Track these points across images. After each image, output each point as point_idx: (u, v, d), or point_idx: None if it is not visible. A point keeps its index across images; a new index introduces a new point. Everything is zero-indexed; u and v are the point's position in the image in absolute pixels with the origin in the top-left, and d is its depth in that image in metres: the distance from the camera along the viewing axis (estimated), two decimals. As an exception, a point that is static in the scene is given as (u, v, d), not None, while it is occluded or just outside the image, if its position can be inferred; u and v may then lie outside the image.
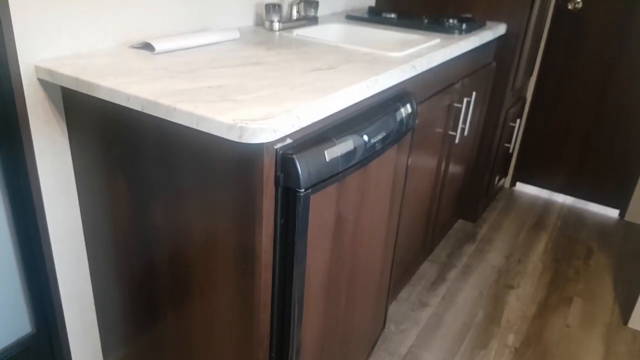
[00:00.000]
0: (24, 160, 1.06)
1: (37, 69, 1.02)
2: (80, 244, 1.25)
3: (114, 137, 1.03)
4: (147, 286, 1.16)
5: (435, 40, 1.57)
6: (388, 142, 1.15)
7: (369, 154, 1.07)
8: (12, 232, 1.12)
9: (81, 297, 1.31)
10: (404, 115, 1.22)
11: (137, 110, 0.90)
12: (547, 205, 2.68)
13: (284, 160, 0.85)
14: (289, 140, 0.88)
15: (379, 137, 1.10)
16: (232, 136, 0.79)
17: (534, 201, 2.71)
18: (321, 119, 0.96)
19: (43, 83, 1.05)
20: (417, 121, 1.35)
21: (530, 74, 2.48)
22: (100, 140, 1.06)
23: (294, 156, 0.85)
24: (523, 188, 2.83)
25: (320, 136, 0.94)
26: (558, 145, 2.64)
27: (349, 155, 0.98)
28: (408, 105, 1.25)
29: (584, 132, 2.56)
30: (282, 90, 0.96)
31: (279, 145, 0.86)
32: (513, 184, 2.84)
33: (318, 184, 0.90)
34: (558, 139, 2.63)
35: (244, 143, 0.82)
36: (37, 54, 1.03)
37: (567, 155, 2.64)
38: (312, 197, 0.89)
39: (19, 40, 0.99)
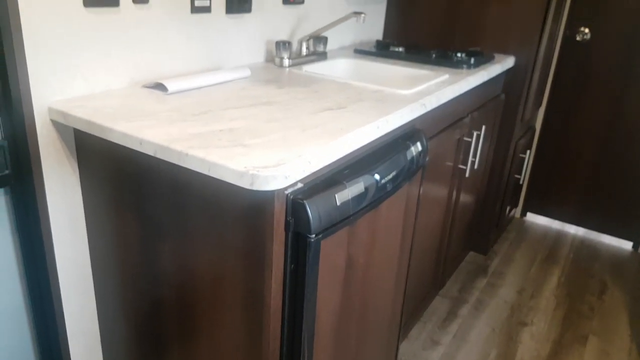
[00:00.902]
0: (35, 199, 1.07)
1: (51, 110, 1.04)
2: (88, 281, 1.24)
3: (125, 178, 1.03)
4: (154, 325, 1.15)
5: (443, 75, 1.57)
6: (399, 182, 1.15)
7: (380, 195, 1.06)
8: (21, 269, 1.12)
9: (87, 333, 1.29)
10: (414, 153, 1.22)
11: (149, 155, 0.90)
12: (559, 237, 2.64)
13: (295, 205, 0.85)
14: (299, 185, 0.88)
15: (390, 177, 1.09)
16: (244, 183, 0.79)
17: (545, 232, 2.68)
18: (332, 162, 0.96)
19: (56, 124, 1.06)
20: (427, 158, 1.34)
21: (540, 105, 2.48)
22: (111, 180, 1.07)
23: (305, 201, 0.84)
24: (534, 218, 2.80)
25: (330, 179, 0.94)
26: (569, 175, 2.62)
27: (359, 197, 0.97)
28: (418, 144, 1.25)
29: (594, 162, 2.54)
30: (293, 133, 0.96)
31: (289, 190, 0.85)
32: (524, 214, 2.81)
33: (329, 229, 0.90)
34: (568, 169, 2.61)
35: (255, 190, 0.81)
36: (51, 95, 1.05)
37: (578, 185, 2.62)
38: (322, 242, 0.88)
39: (34, 82, 1.01)
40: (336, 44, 2.04)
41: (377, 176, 1.03)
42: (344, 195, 0.93)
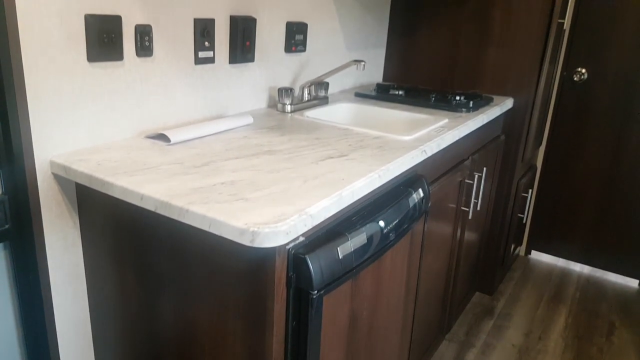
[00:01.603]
0: (34, 254, 1.06)
1: (52, 164, 1.04)
2: (87, 336, 1.22)
3: (126, 232, 1.03)
4: (154, 381, 1.12)
5: (443, 120, 1.59)
6: (402, 230, 1.14)
7: (383, 245, 1.05)
8: (18, 324, 1.10)
9: (86, 390, 1.26)
10: (416, 200, 1.22)
11: (150, 210, 0.90)
12: (564, 275, 2.60)
13: (296, 260, 0.84)
14: (301, 239, 0.87)
15: (392, 225, 1.08)
16: (244, 240, 0.78)
17: (550, 270, 2.64)
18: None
19: (57, 178, 1.07)
20: (429, 204, 1.34)
21: (540, 144, 2.49)
22: (112, 235, 1.06)
23: (306, 256, 0.83)
24: (539, 256, 2.77)
25: (332, 231, 0.93)
26: (572, 212, 2.61)
27: (362, 249, 0.96)
28: (420, 190, 1.25)
29: (597, 199, 2.53)
30: (294, 185, 0.96)
31: (291, 245, 0.85)
32: (528, 252, 2.78)
33: (331, 284, 0.88)
34: (572, 206, 2.60)
35: (256, 247, 0.81)
36: (54, 149, 1.05)
37: (581, 222, 2.60)
38: (325, 297, 0.87)
39: (36, 136, 1.02)
40: (337, 88, 2.07)
41: (379, 225, 1.03)
42: (346, 247, 0.92)
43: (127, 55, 1.15)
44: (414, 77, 2.29)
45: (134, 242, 1.02)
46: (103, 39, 1.08)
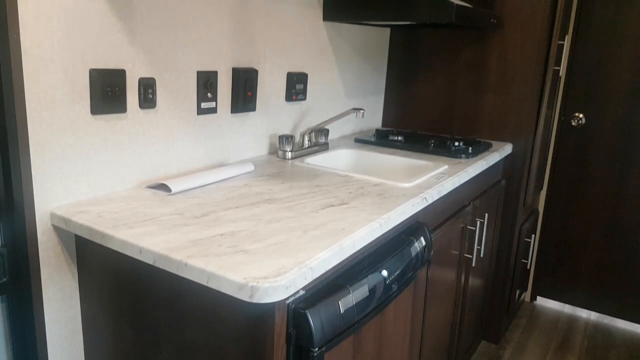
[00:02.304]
0: (32, 308, 1.04)
1: (53, 216, 1.04)
2: (81, 391, 1.18)
3: (125, 285, 1.02)
4: None
5: (443, 166, 1.59)
6: (404, 281, 1.12)
7: (386, 297, 1.03)
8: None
9: None
10: (418, 249, 1.20)
11: (149, 263, 0.89)
12: (571, 322, 2.54)
13: (297, 315, 0.82)
14: (301, 292, 0.86)
15: (395, 277, 1.07)
16: (243, 296, 0.77)
17: (557, 317, 2.58)
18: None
19: (57, 229, 1.06)
20: (432, 252, 1.32)
21: (541, 188, 2.49)
22: (110, 288, 1.05)
23: (307, 311, 0.82)
24: (544, 302, 2.71)
25: (333, 283, 0.92)
26: (576, 257, 2.58)
27: (364, 302, 0.95)
28: (422, 238, 1.24)
29: (602, 244, 2.50)
30: (294, 236, 0.95)
31: (291, 299, 0.83)
32: (534, 298, 2.73)
33: (333, 340, 0.86)
34: (575, 251, 2.57)
35: (255, 303, 0.79)
36: (54, 200, 1.05)
37: (586, 267, 2.56)
38: (326, 355, 0.85)
39: (37, 189, 1.02)
40: (337, 134, 2.09)
41: (381, 276, 1.01)
42: (348, 301, 0.90)
43: (130, 108, 1.17)
44: (412, 122, 2.32)
45: (132, 296, 1.01)
46: (107, 92, 1.10)
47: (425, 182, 1.40)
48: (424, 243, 1.24)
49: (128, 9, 1.13)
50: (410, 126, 2.32)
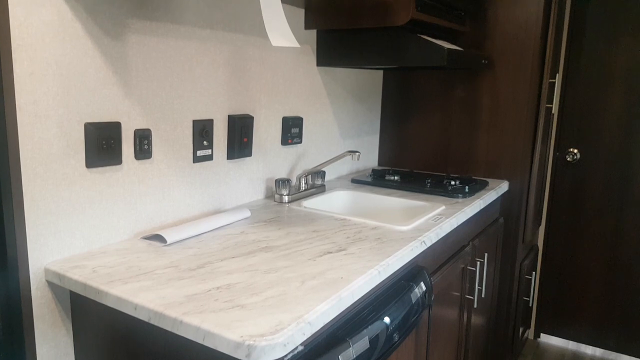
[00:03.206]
0: (23, 367, 1.01)
1: (47, 271, 1.02)
2: None
3: (120, 342, 0.99)
4: None
5: (440, 207, 1.59)
6: (406, 330, 1.10)
7: (387, 348, 1.01)
8: None
9: None
10: (419, 295, 1.19)
11: (144, 320, 0.87)
12: (576, 359, 2.49)
13: (296, 372, 0.80)
14: (300, 348, 0.84)
15: (396, 326, 1.05)
16: (240, 355, 0.75)
17: (561, 354, 2.53)
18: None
19: (51, 285, 1.04)
20: (433, 297, 1.30)
21: (539, 224, 2.48)
22: (106, 344, 1.02)
23: (306, 368, 0.80)
24: (548, 339, 2.66)
25: (332, 336, 0.90)
26: (578, 293, 2.54)
27: (365, 355, 0.92)
28: (422, 284, 1.22)
29: (603, 278, 2.48)
30: (292, 287, 0.94)
31: (289, 356, 0.81)
32: (537, 335, 2.68)
33: (333, 397, 0.84)
34: (577, 286, 2.54)
35: (253, 360, 0.77)
36: (49, 256, 1.04)
37: (588, 303, 2.53)
38: (327, 413, 0.82)
39: (31, 244, 1.01)
40: (334, 175, 2.09)
41: (382, 326, 0.99)
42: (348, 355, 0.88)
43: (125, 159, 1.18)
44: (408, 161, 2.33)
45: (128, 352, 0.98)
46: (102, 145, 1.10)
47: (423, 224, 1.40)
48: (424, 288, 1.22)
49: (123, 63, 1.15)
50: (407, 164, 2.33)
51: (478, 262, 1.72)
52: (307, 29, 1.75)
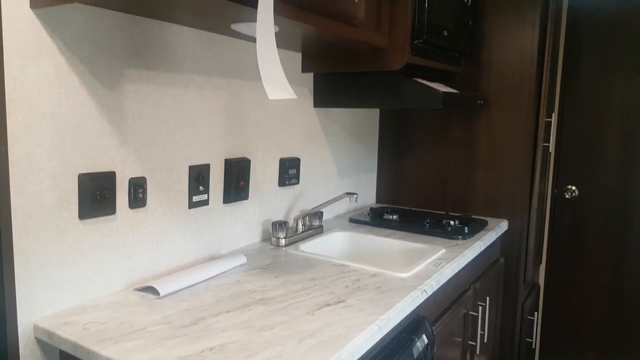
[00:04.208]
0: None
1: (36, 328, 0.99)
2: None
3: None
4: None
5: (440, 250, 1.56)
6: (406, 387, 1.06)
7: (387, 409, 0.97)
8: None
9: None
10: (421, 349, 1.15)
11: (133, 385, 0.84)
12: (585, 402, 2.42)
13: None
14: (297, 415, 0.80)
15: (396, 383, 1.01)
16: None
17: (568, 397, 2.46)
18: (332, 379, 0.89)
19: (41, 343, 1.01)
20: (435, 350, 1.27)
21: (540, 262, 2.45)
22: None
23: None
24: (554, 381, 2.59)
25: (331, 400, 0.86)
26: (580, 332, 2.49)
27: (364, 419, 0.88)
28: (424, 336, 1.19)
29: (605, 317, 2.43)
30: (289, 347, 0.91)
31: None
32: (542, 376, 2.62)
33: None
34: (579, 326, 2.49)
35: None
36: (39, 311, 1.01)
37: (591, 343, 2.47)
38: None
39: (21, 299, 0.98)
40: (332, 214, 2.07)
41: (381, 388, 0.96)
42: (347, 420, 0.84)
43: (119, 209, 1.15)
44: (406, 198, 2.31)
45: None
46: (96, 196, 1.08)
47: (423, 270, 1.37)
48: (426, 341, 1.18)
49: (119, 112, 1.14)
50: (405, 201, 2.31)
51: (480, 307, 1.69)
52: (304, 72, 1.76)
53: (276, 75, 0.98)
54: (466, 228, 1.78)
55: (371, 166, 2.34)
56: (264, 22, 0.97)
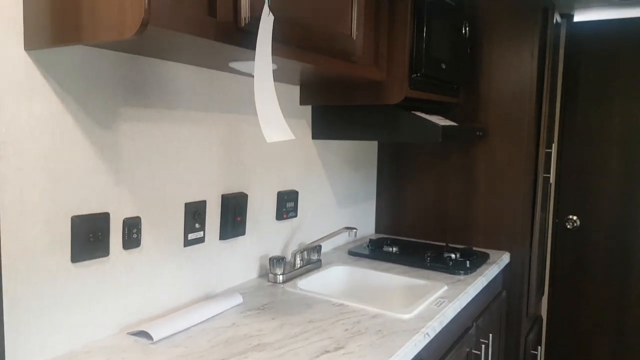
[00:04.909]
0: None
1: (23, 379, 0.95)
2: None
3: None
4: None
5: (442, 287, 1.53)
6: None
7: None
8: None
9: None
10: (422, 396, 1.11)
11: None
12: None
13: None
14: None
15: None
16: None
17: None
18: None
19: (26, 394, 0.97)
20: (436, 395, 1.23)
21: (542, 294, 2.41)
22: None
23: None
24: (558, 416, 2.53)
25: None
26: (587, 365, 2.44)
27: None
28: (425, 382, 1.15)
29: (609, 349, 2.38)
30: (287, 400, 0.87)
31: None
32: (546, 411, 2.55)
33: None
34: (584, 356, 2.44)
35: None
36: (28, 358, 0.97)
37: (599, 377, 2.42)
38: None
39: (9, 346, 0.94)
40: (330, 246, 2.04)
41: None
42: None
43: (113, 250, 1.12)
44: (405, 227, 2.28)
45: None
46: (89, 238, 1.05)
47: (425, 311, 1.33)
48: (428, 386, 1.14)
49: (114, 151, 1.12)
50: (404, 231, 2.28)
51: (483, 345, 1.64)
52: (302, 104, 1.75)
53: (274, 117, 0.96)
54: (468, 262, 1.75)
55: (370, 195, 2.32)
56: (262, 64, 0.95)
